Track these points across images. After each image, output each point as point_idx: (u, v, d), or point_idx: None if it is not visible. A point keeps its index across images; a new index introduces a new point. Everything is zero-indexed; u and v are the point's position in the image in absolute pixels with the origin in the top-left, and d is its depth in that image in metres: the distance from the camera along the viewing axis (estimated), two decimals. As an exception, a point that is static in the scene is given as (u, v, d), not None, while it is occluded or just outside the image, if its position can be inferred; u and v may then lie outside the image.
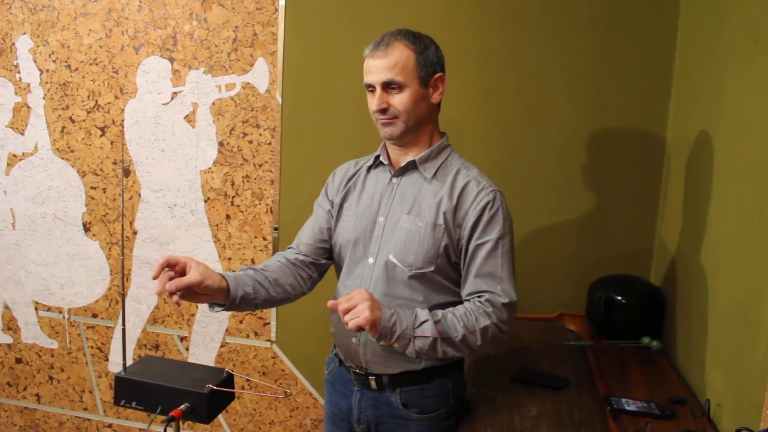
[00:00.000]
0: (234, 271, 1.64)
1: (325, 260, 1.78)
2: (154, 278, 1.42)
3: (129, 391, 1.41)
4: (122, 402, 1.41)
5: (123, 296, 1.33)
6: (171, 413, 1.32)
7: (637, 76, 2.29)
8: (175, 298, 1.41)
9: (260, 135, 2.57)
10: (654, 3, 2.24)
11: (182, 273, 1.45)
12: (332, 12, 2.46)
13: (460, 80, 2.16)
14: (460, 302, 1.60)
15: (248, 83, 2.55)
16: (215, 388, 1.36)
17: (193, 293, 1.47)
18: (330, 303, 1.45)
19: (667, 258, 2.20)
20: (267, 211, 2.61)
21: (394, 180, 1.66)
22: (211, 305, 1.56)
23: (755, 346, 1.43)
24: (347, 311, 1.42)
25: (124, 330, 1.34)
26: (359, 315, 1.40)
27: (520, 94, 2.37)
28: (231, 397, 1.45)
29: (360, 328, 1.41)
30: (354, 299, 1.42)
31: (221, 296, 1.53)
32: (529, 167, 2.39)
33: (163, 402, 1.37)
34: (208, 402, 1.35)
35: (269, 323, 2.69)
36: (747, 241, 1.57)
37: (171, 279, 1.42)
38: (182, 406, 1.34)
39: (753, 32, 1.59)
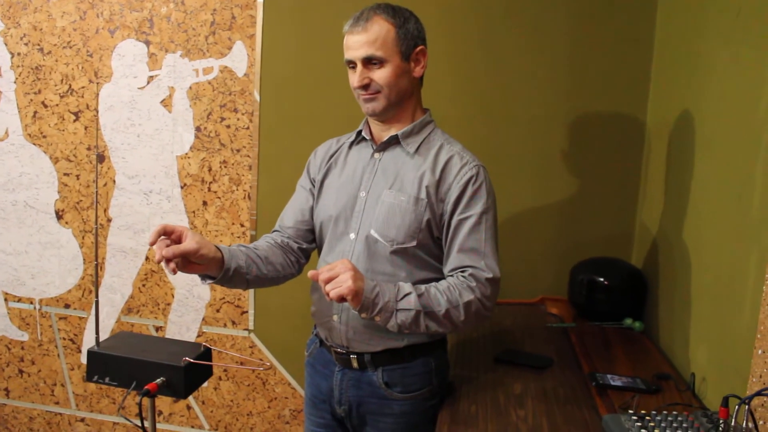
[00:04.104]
0: None
1: (308, 244, 1.75)
2: (151, 245, 1.40)
3: (102, 366, 1.37)
4: (95, 378, 1.37)
5: (96, 266, 1.29)
6: (146, 387, 1.27)
7: (616, 57, 2.29)
8: (172, 265, 1.38)
9: (238, 120, 2.52)
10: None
11: (178, 241, 1.42)
12: (312, -6, 2.43)
13: (436, 64, 2.13)
14: (443, 279, 1.58)
15: (226, 67, 2.50)
16: (192, 361, 1.32)
17: (188, 262, 1.43)
18: (311, 273, 1.42)
19: (648, 240, 2.20)
20: (245, 197, 2.57)
21: (376, 155, 1.64)
22: (203, 277, 1.52)
23: (739, 317, 1.43)
24: (329, 281, 1.38)
25: (97, 302, 1.30)
26: (341, 284, 1.37)
27: (497, 78, 2.36)
28: (209, 372, 1.41)
29: (342, 299, 1.38)
30: (336, 269, 1.39)
31: (215, 267, 1.49)
32: (508, 152, 2.38)
33: (138, 376, 1.33)
34: (184, 376, 1.31)
35: (247, 312, 2.64)
36: (727, 220, 1.56)
37: (167, 247, 1.39)
38: (158, 380, 1.30)
39: (734, 2, 1.58)
